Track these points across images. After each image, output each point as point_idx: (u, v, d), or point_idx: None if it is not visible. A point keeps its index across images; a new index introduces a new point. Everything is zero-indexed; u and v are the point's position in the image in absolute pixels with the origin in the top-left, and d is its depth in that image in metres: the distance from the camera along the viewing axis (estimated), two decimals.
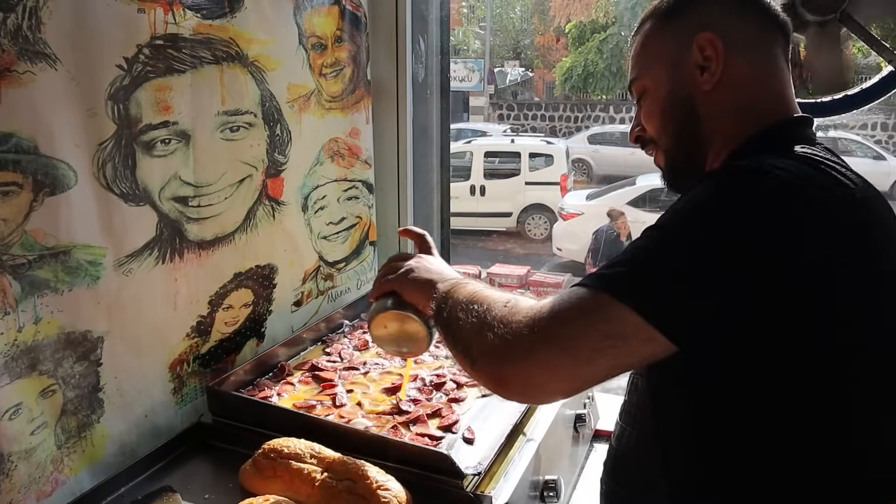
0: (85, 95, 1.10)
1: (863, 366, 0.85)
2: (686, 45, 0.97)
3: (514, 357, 0.84)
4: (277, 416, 1.28)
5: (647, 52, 1.04)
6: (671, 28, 1.01)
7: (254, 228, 1.52)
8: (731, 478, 0.89)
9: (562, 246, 9.88)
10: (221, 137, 1.39)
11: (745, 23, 0.98)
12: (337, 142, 1.82)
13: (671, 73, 1.00)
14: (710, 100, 0.97)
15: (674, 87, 1.00)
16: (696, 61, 0.97)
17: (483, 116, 18.97)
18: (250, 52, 1.43)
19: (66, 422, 1.14)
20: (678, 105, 1.00)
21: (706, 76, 0.97)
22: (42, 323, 1.08)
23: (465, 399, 1.39)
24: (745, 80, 0.96)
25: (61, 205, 1.08)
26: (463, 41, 20.83)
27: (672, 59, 1.00)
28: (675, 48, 0.99)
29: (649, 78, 1.03)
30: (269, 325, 1.62)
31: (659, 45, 1.03)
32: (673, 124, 1.02)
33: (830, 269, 0.80)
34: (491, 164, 12.22)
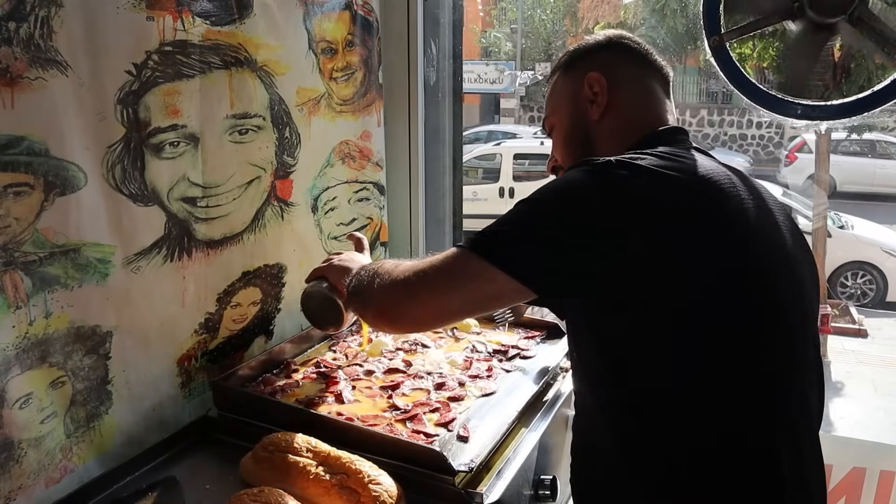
0: (95, 100, 1.15)
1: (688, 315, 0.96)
2: (580, 84, 1.18)
3: (396, 293, 1.07)
4: (279, 411, 1.32)
5: (554, 95, 1.25)
6: (570, 74, 1.23)
7: (262, 228, 1.56)
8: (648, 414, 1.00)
9: None
10: (230, 140, 1.44)
11: (626, 65, 1.19)
12: (348, 144, 1.86)
13: (570, 108, 1.21)
14: (600, 126, 1.18)
15: (572, 119, 1.21)
16: (587, 96, 1.18)
17: (514, 118, 18.93)
18: (259, 57, 1.48)
19: (75, 412, 1.19)
20: (576, 133, 1.21)
21: (594, 108, 1.17)
22: (52, 317, 1.13)
23: (464, 398, 1.41)
24: (626, 107, 1.17)
25: (71, 205, 1.13)
26: (494, 43, 20.81)
27: (570, 98, 1.21)
28: (573, 88, 1.20)
29: (556, 116, 1.24)
30: (277, 322, 1.66)
31: (562, 89, 1.24)
32: (573, 149, 1.21)
33: (647, 228, 0.94)
34: (520, 167, 12.17)
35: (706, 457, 0.97)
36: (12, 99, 1.02)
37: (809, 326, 1.08)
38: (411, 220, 2.13)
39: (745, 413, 0.98)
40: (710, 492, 0.98)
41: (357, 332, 1.71)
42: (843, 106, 1.64)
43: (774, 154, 15.03)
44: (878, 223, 8.19)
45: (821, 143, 7.33)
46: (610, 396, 1.05)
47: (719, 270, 0.96)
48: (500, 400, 1.42)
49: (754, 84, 1.73)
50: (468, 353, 1.63)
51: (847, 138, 11.24)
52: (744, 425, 0.98)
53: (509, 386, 1.47)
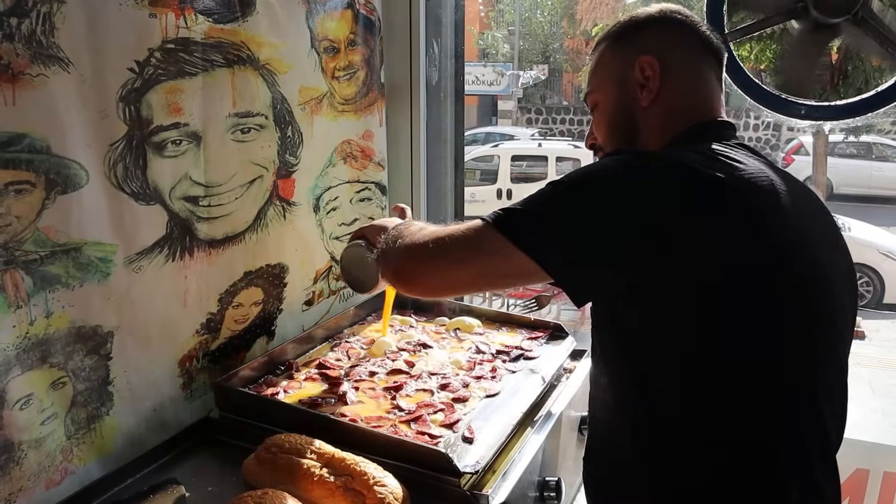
0: (97, 97, 1.13)
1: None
2: (630, 65, 1.11)
3: (414, 257, 1.06)
4: (282, 412, 1.31)
5: (600, 70, 1.18)
6: (620, 51, 1.15)
7: (264, 228, 1.55)
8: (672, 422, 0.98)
9: None
10: (232, 139, 1.42)
11: (681, 48, 1.11)
12: (350, 144, 1.85)
13: (617, 90, 1.14)
14: (647, 113, 1.11)
15: (619, 102, 1.14)
16: (637, 80, 1.10)
17: (511, 120, 18.93)
18: (261, 55, 1.46)
19: (76, 413, 1.17)
20: (622, 117, 1.14)
21: (645, 93, 1.10)
22: (53, 317, 1.11)
23: (468, 399, 1.40)
24: (676, 95, 1.10)
25: (73, 203, 1.11)
26: (492, 45, 20.80)
27: (618, 78, 1.13)
28: (621, 68, 1.13)
29: (601, 93, 1.17)
30: (279, 323, 1.65)
31: (609, 65, 1.16)
32: (617, 134, 1.15)
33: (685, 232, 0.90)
34: (518, 168, 12.17)
35: (725, 468, 0.95)
36: (14, 96, 1.01)
37: (839, 345, 1.04)
38: None
39: (760, 426, 0.95)
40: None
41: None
42: (847, 106, 1.64)
43: (771, 156, 15.04)
44: (875, 225, 8.20)
45: (818, 146, 7.35)
46: (627, 394, 1.03)
47: (749, 276, 0.92)
48: (505, 401, 1.41)
49: (758, 84, 1.73)
50: (472, 353, 1.61)
51: (844, 140, 11.27)
52: (759, 437, 0.95)
53: (513, 387, 1.46)
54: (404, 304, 1.92)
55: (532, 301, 1.72)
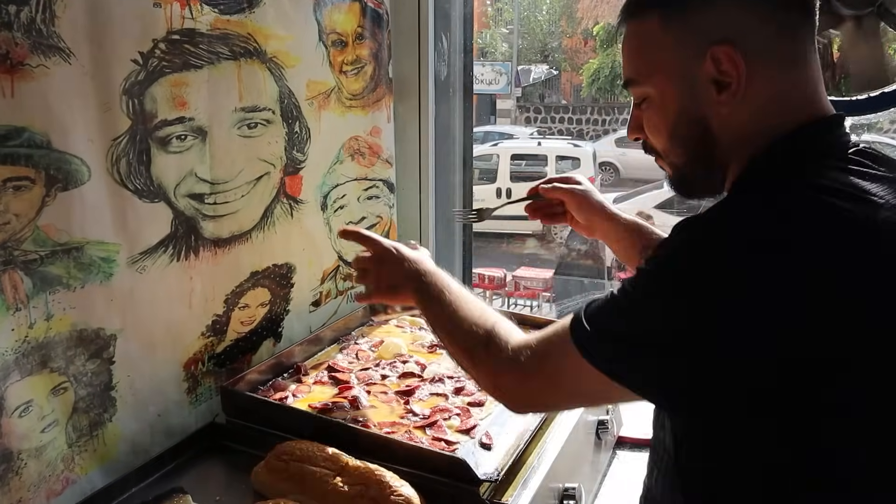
0: (99, 90, 1.08)
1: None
2: (698, 55, 0.82)
3: (501, 375, 0.96)
4: (291, 417, 1.26)
5: (648, 54, 0.88)
6: (676, 31, 0.84)
7: (271, 227, 1.50)
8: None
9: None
10: (238, 134, 1.37)
11: (768, 23, 0.81)
12: (357, 140, 1.80)
13: (680, 87, 0.86)
14: (729, 120, 0.84)
15: (684, 105, 0.86)
16: (710, 75, 0.82)
17: (510, 119, 18.90)
18: (269, 48, 1.41)
19: (78, 420, 1.12)
20: (690, 126, 0.86)
21: (725, 96, 0.82)
22: (54, 320, 1.06)
23: (484, 403, 1.35)
24: (771, 92, 0.82)
25: (74, 200, 1.06)
26: (490, 44, 20.77)
27: (680, 71, 0.85)
28: (684, 57, 0.84)
29: (651, 86, 0.89)
30: (286, 324, 1.60)
31: (662, 51, 0.86)
32: (684, 146, 0.89)
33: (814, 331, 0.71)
34: (517, 167, 12.15)
35: None
36: (12, 87, 0.96)
37: None
38: (421, 219, 2.07)
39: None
40: None
41: None
42: (872, 99, 1.59)
43: None
44: None
45: None
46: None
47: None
48: None
49: None
50: None
51: None
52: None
53: None
54: (410, 306, 1.87)
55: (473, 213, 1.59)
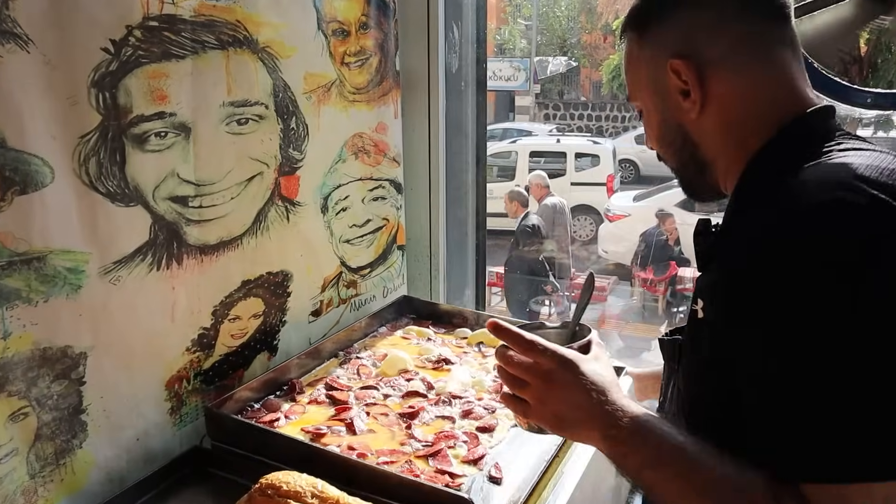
0: (64, 82, 0.97)
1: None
2: (662, 69, 0.88)
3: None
4: (280, 444, 1.14)
5: (634, 72, 0.95)
6: (647, 47, 0.92)
7: (265, 231, 1.38)
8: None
9: (608, 248, 9.59)
10: (227, 131, 1.26)
11: (721, 32, 0.86)
12: (362, 137, 1.68)
13: (658, 99, 0.92)
14: (701, 124, 0.89)
15: (664, 115, 0.92)
16: (676, 86, 0.88)
17: (529, 116, 18.69)
18: (261, 36, 1.29)
19: (42, 448, 1.01)
20: (671, 133, 0.93)
21: (688, 103, 0.88)
22: (12, 338, 0.95)
23: (495, 428, 1.22)
24: (733, 94, 0.86)
25: (34, 205, 0.95)
26: (509, 40, 20.55)
27: (655, 85, 0.91)
28: (654, 72, 0.90)
29: (641, 100, 0.96)
30: (282, 337, 1.48)
31: (640, 67, 0.93)
32: (672, 150, 0.95)
33: None
34: (536, 164, 11.97)
35: None
36: None
37: None
38: (431, 221, 1.94)
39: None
40: None
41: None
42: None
43: None
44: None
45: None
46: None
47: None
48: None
49: (822, 73, 1.53)
50: (497, 373, 1.43)
51: (873, 136, 10.94)
52: None
53: None
54: (420, 314, 1.75)
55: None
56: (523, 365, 0.84)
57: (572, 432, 0.84)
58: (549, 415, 0.83)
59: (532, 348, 0.83)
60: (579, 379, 0.81)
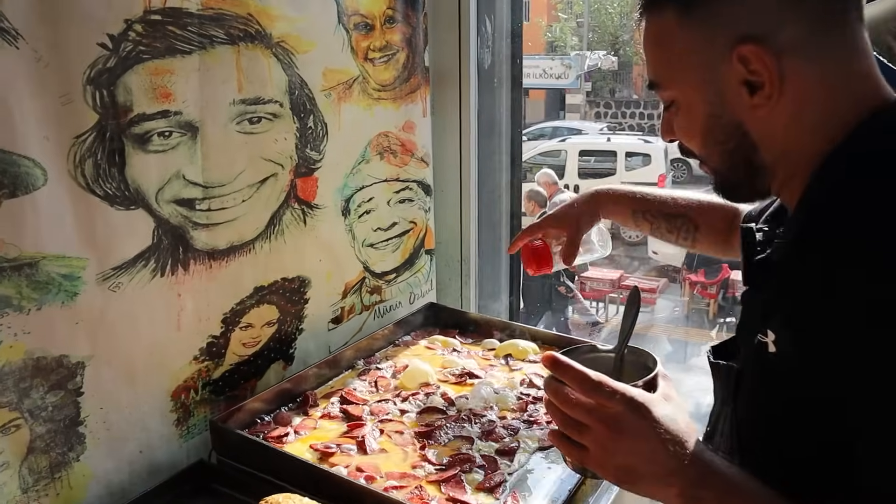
0: (57, 79, 0.92)
1: None
2: (721, 55, 0.72)
3: None
4: (285, 464, 1.07)
5: (667, 55, 0.78)
6: (695, 26, 0.74)
7: (279, 235, 1.32)
8: None
9: (658, 249, 9.33)
10: (238, 130, 1.20)
11: (802, 8, 0.70)
12: (387, 136, 1.61)
13: (706, 91, 0.75)
14: (767, 122, 0.73)
15: (713, 110, 0.76)
16: (739, 76, 0.72)
17: (579, 114, 18.42)
18: (275, 31, 1.23)
19: (35, 461, 0.97)
20: (724, 131, 0.76)
21: (758, 98, 0.72)
22: (2, 347, 0.91)
23: (515, 452, 1.13)
24: (812, 86, 0.71)
25: (25, 208, 0.91)
26: (560, 37, 20.30)
27: (703, 74, 0.75)
28: (706, 58, 0.74)
29: (676, 89, 0.79)
30: (299, 345, 1.42)
31: (680, 50, 0.76)
32: (720, 151, 0.79)
33: None
34: (586, 164, 11.78)
35: None
36: None
37: None
38: (461, 224, 1.86)
39: None
40: None
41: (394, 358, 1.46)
42: None
43: None
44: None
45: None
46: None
47: None
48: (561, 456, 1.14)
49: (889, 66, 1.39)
50: (524, 388, 1.35)
51: None
52: None
53: None
54: (448, 322, 1.67)
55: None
56: (584, 406, 0.71)
57: (641, 487, 0.72)
58: (615, 467, 0.71)
59: (597, 389, 0.70)
60: (653, 427, 0.69)
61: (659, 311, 7.59)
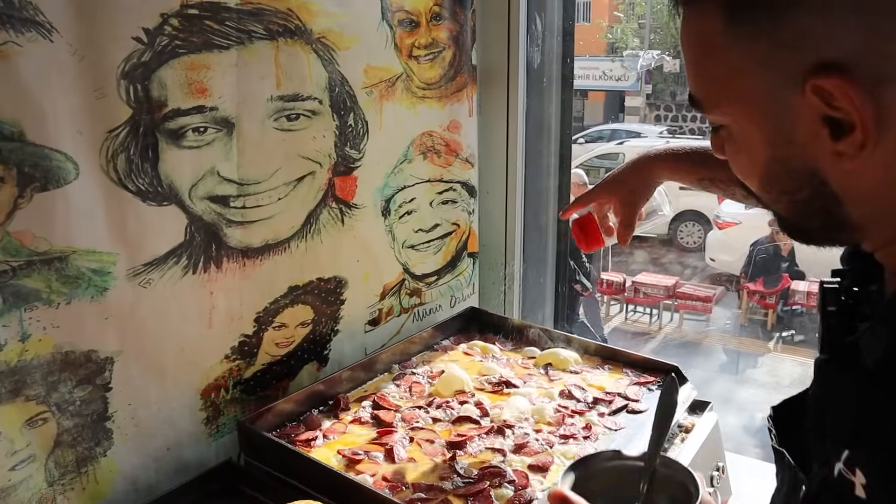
0: (91, 73, 0.92)
1: None
2: (789, 83, 0.53)
3: None
4: (310, 469, 1.05)
5: (709, 66, 0.60)
6: (751, 39, 0.55)
7: (316, 235, 1.30)
8: None
9: (716, 256, 9.07)
10: (275, 127, 1.18)
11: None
12: (431, 136, 1.57)
13: (766, 126, 0.57)
14: (856, 175, 0.55)
15: (777, 152, 0.58)
16: (817, 111, 0.53)
17: (639, 117, 18.07)
18: (315, 26, 1.21)
19: (61, 455, 0.97)
20: (793, 179, 0.58)
21: (845, 145, 0.53)
22: (31, 341, 0.91)
23: (549, 468, 1.08)
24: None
25: (56, 202, 0.90)
26: (621, 39, 19.96)
27: (764, 104, 0.56)
28: (767, 84, 0.55)
29: (728, 116, 0.61)
30: (334, 347, 1.40)
31: (731, 68, 0.57)
32: (788, 200, 0.61)
33: None
34: None
35: None
36: None
37: None
38: (507, 228, 1.81)
39: None
40: None
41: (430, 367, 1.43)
42: None
43: None
44: None
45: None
46: None
47: None
48: None
49: None
50: (562, 400, 1.29)
51: None
52: None
53: None
54: (488, 327, 1.63)
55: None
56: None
57: None
58: None
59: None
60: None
61: (715, 320, 7.37)
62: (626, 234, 1.21)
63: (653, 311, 7.58)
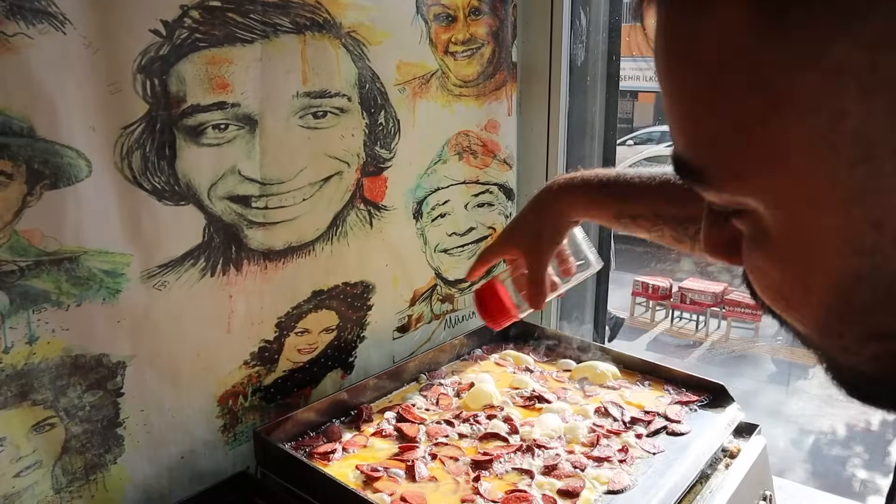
0: (105, 66, 0.88)
1: None
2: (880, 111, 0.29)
3: None
4: (324, 485, 1.00)
5: (736, 105, 0.33)
6: (830, 41, 0.29)
7: (342, 237, 1.25)
8: None
9: None
10: (301, 125, 1.13)
11: None
12: (468, 136, 1.51)
13: (858, 212, 0.31)
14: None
15: (873, 260, 0.32)
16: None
17: None
18: (345, 20, 1.16)
19: (70, 462, 0.94)
20: (886, 307, 0.34)
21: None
22: (39, 343, 0.88)
23: (579, 493, 1.01)
24: None
25: (67, 201, 0.87)
26: None
27: (833, 169, 0.31)
28: (858, 122, 0.30)
29: (762, 193, 0.35)
30: (360, 353, 1.35)
31: (784, 98, 0.31)
32: (875, 350, 0.35)
33: None
34: None
35: None
36: None
37: None
38: None
39: None
40: None
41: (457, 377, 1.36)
42: None
43: None
44: None
45: None
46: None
47: None
48: (633, 500, 1.00)
49: None
50: (597, 418, 1.21)
51: None
52: None
53: (649, 479, 1.05)
54: (522, 338, 1.55)
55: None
56: None
57: None
58: None
59: None
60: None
61: (764, 328, 7.11)
62: (535, 293, 0.96)
63: (699, 318, 7.35)
